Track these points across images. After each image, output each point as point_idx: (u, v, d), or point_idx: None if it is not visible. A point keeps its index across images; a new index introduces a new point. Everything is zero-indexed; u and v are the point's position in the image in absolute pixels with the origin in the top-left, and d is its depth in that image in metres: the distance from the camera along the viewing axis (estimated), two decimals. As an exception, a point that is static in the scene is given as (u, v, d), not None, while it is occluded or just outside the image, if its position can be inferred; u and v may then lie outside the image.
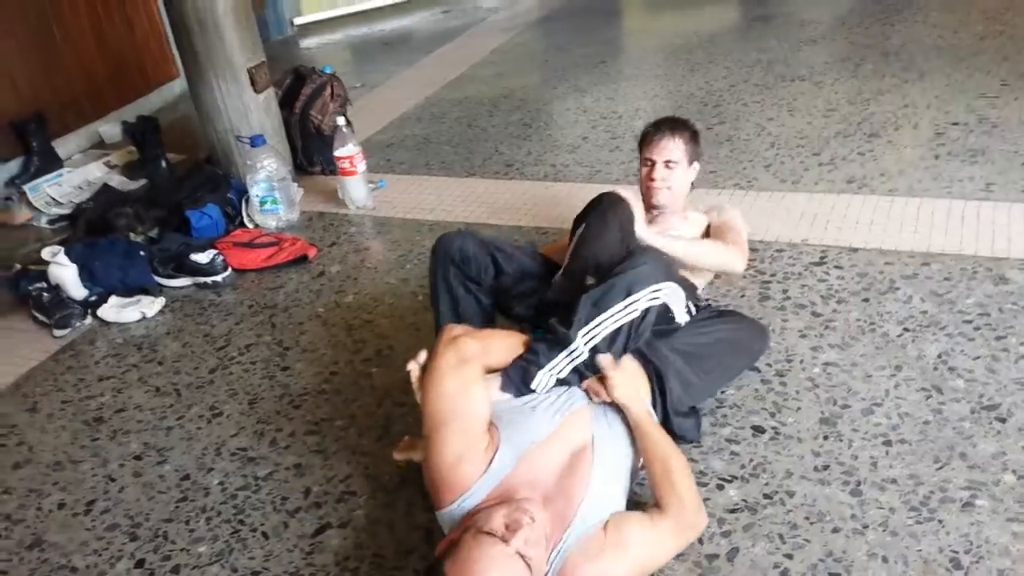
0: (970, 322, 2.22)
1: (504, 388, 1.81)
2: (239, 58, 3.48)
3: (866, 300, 2.36)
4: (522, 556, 1.43)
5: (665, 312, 1.91)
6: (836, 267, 2.53)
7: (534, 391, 1.80)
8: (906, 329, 2.23)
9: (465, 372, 1.72)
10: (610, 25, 5.77)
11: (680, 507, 1.66)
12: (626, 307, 1.81)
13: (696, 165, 2.40)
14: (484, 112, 4.27)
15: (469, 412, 1.69)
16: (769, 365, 2.17)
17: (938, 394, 2.00)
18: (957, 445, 1.85)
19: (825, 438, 1.92)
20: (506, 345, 1.86)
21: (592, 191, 3.11)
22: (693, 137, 2.36)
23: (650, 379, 1.88)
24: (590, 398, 1.81)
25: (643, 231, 2.11)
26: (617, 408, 1.80)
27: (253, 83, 3.53)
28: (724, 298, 2.47)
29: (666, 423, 1.86)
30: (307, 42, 6.56)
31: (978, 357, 2.09)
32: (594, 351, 1.81)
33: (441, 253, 2.15)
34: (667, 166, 2.33)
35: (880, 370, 2.10)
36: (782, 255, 2.63)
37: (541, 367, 1.80)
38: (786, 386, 2.10)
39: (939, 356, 2.11)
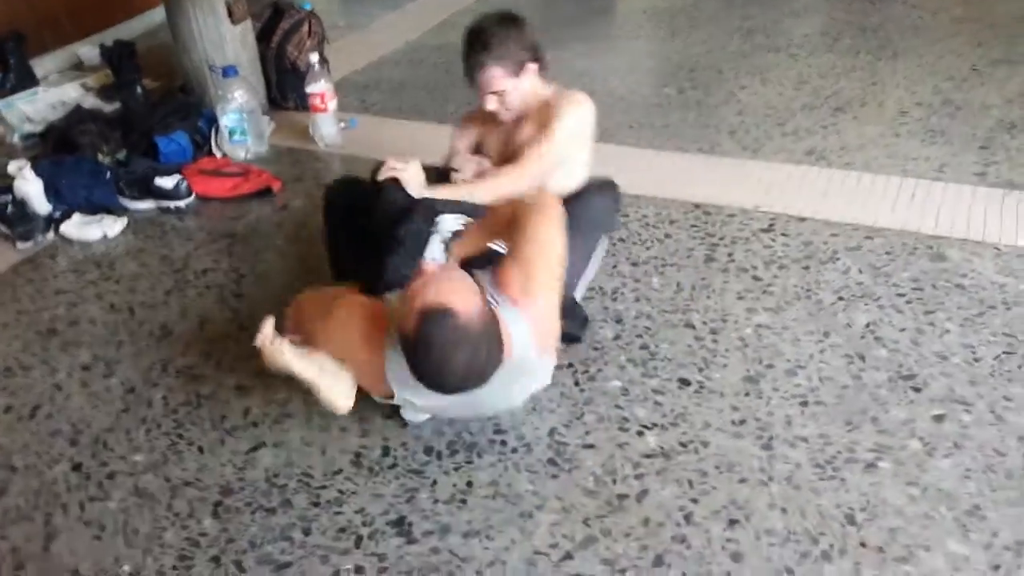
0: (903, 295, 2.29)
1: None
2: (218, -13, 3.48)
3: (806, 268, 2.43)
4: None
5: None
6: (783, 235, 2.60)
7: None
8: (840, 298, 2.30)
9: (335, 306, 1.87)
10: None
11: (519, 206, 1.87)
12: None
13: (527, 67, 2.21)
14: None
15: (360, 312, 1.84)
16: (704, 323, 2.25)
17: (860, 361, 2.07)
18: (870, 410, 1.93)
19: (746, 395, 2.00)
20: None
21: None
22: (506, 50, 2.17)
23: None
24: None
25: (422, 193, 2.09)
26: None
27: (230, 14, 3.53)
28: (671, 256, 2.53)
29: None
30: (297, -22, 6.49)
31: (904, 329, 2.17)
32: None
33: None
34: (497, 97, 2.23)
35: (809, 335, 2.18)
36: (733, 220, 2.69)
37: None
38: (717, 343, 2.17)
39: (867, 325, 2.19)
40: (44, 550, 1.74)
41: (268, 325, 1.76)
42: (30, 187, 2.92)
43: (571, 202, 2.04)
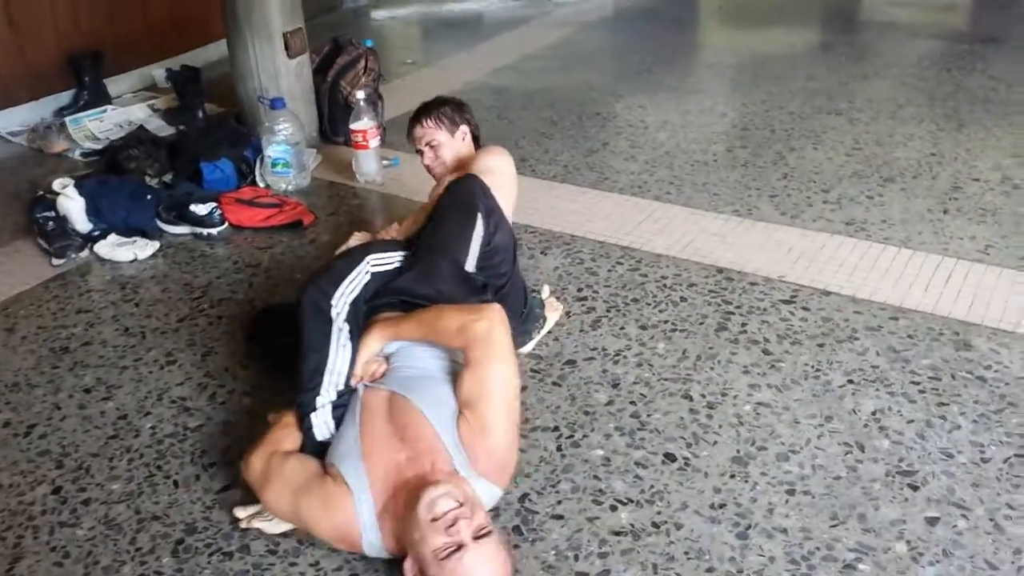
0: (917, 384, 2.17)
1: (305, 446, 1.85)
2: (276, 21, 3.57)
3: (821, 346, 2.33)
4: (479, 534, 1.53)
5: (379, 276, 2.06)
6: (803, 308, 2.50)
7: (315, 410, 1.83)
8: (850, 381, 2.19)
9: (271, 470, 1.77)
10: (672, 33, 5.70)
11: (464, 334, 1.78)
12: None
13: (462, 130, 2.54)
14: (517, 105, 4.29)
15: (301, 486, 1.71)
16: (703, 395, 2.17)
17: (859, 451, 1.97)
18: (859, 505, 1.82)
19: (732, 476, 1.91)
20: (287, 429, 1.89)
21: (593, 198, 3.15)
22: (442, 112, 2.52)
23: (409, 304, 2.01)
24: (366, 386, 1.87)
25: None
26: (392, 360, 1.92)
27: (287, 47, 3.62)
28: (682, 322, 2.46)
29: None
30: (378, 13, 6.66)
31: (912, 420, 2.05)
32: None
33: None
34: (430, 147, 2.53)
35: (810, 418, 2.08)
36: (754, 288, 2.60)
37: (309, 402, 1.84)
38: (712, 419, 2.09)
39: (873, 413, 2.08)
40: (8, 572, 1.77)
41: (240, 511, 1.85)
42: (72, 205, 3.02)
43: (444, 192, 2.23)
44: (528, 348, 2.36)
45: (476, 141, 2.60)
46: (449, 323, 1.83)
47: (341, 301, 1.94)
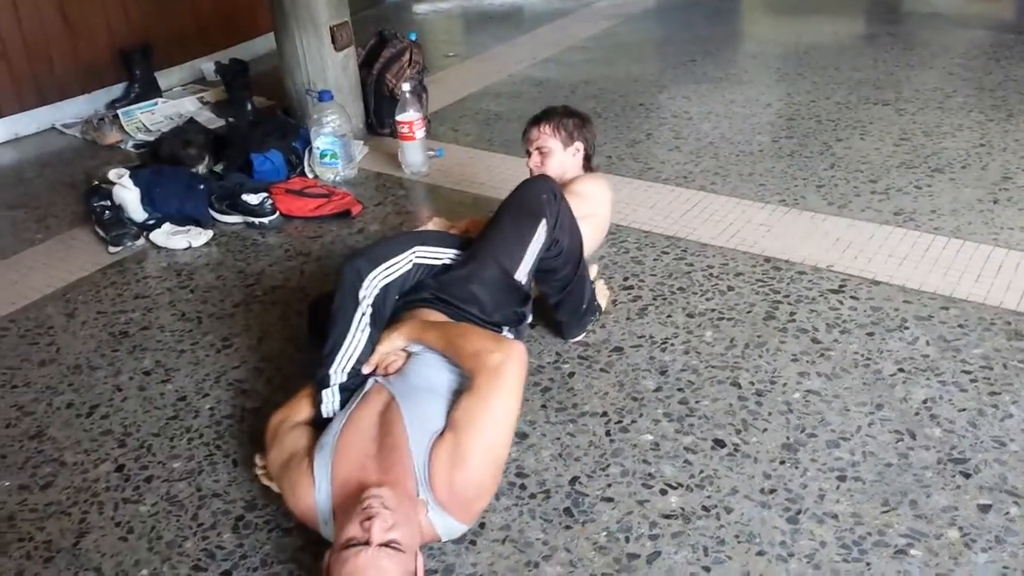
0: (969, 373, 2.16)
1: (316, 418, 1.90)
2: (323, 15, 3.62)
3: (870, 335, 2.33)
4: (388, 544, 1.47)
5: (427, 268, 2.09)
6: (852, 297, 2.49)
7: (328, 386, 1.88)
8: (901, 370, 2.19)
9: (276, 436, 1.86)
10: (716, 24, 5.69)
11: (478, 359, 1.73)
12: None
13: (576, 146, 2.53)
14: (561, 96, 4.30)
15: (286, 460, 1.79)
16: (752, 383, 2.18)
17: (910, 439, 1.97)
18: (911, 492, 1.83)
19: (782, 463, 1.93)
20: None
21: (637, 188, 3.17)
22: (563, 123, 2.51)
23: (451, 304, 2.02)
24: (377, 380, 1.87)
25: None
26: (412, 359, 1.89)
27: (334, 40, 3.67)
28: (730, 310, 2.47)
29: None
30: (420, 7, 6.71)
31: (964, 409, 2.05)
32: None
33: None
34: (540, 152, 2.52)
35: (860, 406, 2.08)
36: (802, 277, 2.60)
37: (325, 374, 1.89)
38: (761, 406, 2.10)
39: (924, 402, 2.08)
40: (74, 545, 1.83)
41: (257, 459, 1.95)
42: (127, 194, 3.10)
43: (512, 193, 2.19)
44: (580, 336, 2.39)
45: (588, 161, 2.59)
46: (468, 344, 1.81)
47: (373, 284, 1.95)
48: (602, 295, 2.49)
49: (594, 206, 2.46)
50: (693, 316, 2.46)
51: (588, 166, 2.58)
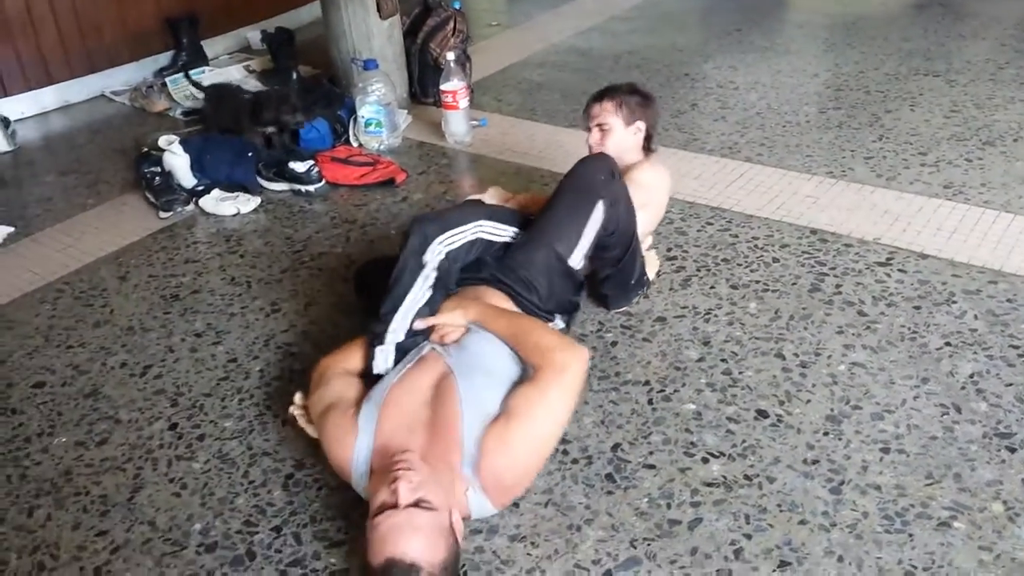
0: (1017, 347, 2.15)
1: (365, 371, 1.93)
2: (369, -17, 3.62)
3: (917, 308, 2.31)
4: (418, 503, 1.50)
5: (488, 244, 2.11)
6: (900, 270, 2.47)
7: (383, 343, 1.90)
8: (948, 343, 2.18)
9: (322, 380, 1.91)
10: (762, -6, 5.60)
11: (545, 355, 1.75)
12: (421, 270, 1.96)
13: (638, 125, 2.46)
14: (605, 66, 4.29)
15: (330, 405, 1.82)
16: (796, 355, 2.18)
17: (956, 412, 1.96)
18: (955, 465, 1.82)
19: (825, 434, 1.93)
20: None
21: (682, 158, 3.15)
22: (626, 100, 2.46)
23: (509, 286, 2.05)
24: (434, 347, 1.89)
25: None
26: (469, 334, 1.91)
27: (379, 9, 3.67)
28: (775, 282, 2.46)
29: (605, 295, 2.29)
30: (463, -26, 6.67)
31: (1011, 384, 2.03)
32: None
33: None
34: (600, 129, 2.46)
35: (906, 379, 2.07)
36: (849, 250, 2.59)
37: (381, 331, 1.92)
38: (805, 377, 2.10)
39: (971, 376, 2.06)
40: (129, 500, 1.89)
41: (298, 398, 1.97)
42: (177, 161, 3.15)
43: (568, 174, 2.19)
44: (624, 308, 2.40)
45: (648, 141, 2.53)
46: (537, 338, 1.82)
47: (440, 247, 1.99)
48: (652, 265, 2.49)
49: (653, 195, 2.45)
50: (737, 288, 2.45)
51: (648, 147, 2.54)
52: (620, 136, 2.46)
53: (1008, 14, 4.66)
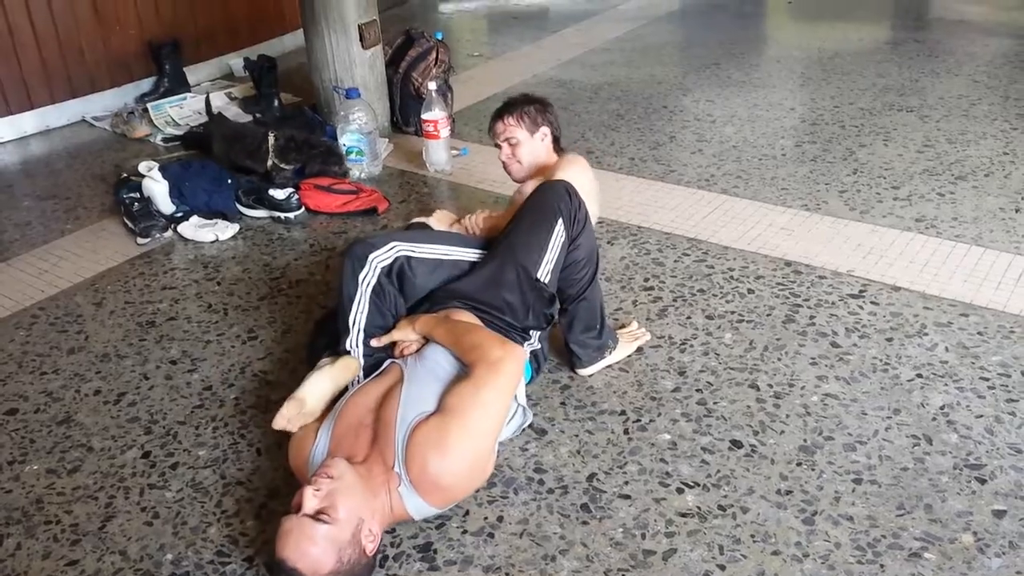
0: (987, 380, 2.17)
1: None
2: (352, 14, 3.67)
3: (889, 340, 2.34)
4: (318, 514, 1.55)
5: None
6: (872, 303, 2.51)
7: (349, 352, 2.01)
8: (919, 375, 2.20)
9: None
10: (740, 28, 5.70)
11: (480, 352, 1.81)
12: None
13: (542, 131, 2.54)
14: (584, 97, 4.33)
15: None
16: (770, 386, 2.20)
17: (927, 444, 1.98)
18: (926, 496, 1.84)
19: (798, 464, 1.94)
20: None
21: (659, 190, 3.18)
22: (526, 111, 2.52)
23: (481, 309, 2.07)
24: (394, 360, 1.97)
25: None
26: (428, 346, 1.97)
27: (362, 39, 3.71)
28: (750, 313, 2.49)
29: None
30: (446, 7, 6.76)
31: (981, 416, 2.06)
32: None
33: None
34: (509, 144, 2.54)
35: (878, 410, 2.09)
36: (823, 282, 2.62)
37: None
38: (779, 408, 2.12)
39: (942, 407, 2.09)
40: (100, 529, 1.87)
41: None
42: (157, 187, 3.15)
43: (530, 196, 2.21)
44: (588, 372, 2.28)
45: (556, 143, 2.60)
46: (472, 338, 1.88)
47: (374, 263, 2.06)
48: (628, 343, 2.36)
49: (581, 182, 2.35)
50: (713, 318, 2.48)
51: (558, 148, 2.60)
52: (529, 146, 2.54)
53: (982, 51, 4.76)
